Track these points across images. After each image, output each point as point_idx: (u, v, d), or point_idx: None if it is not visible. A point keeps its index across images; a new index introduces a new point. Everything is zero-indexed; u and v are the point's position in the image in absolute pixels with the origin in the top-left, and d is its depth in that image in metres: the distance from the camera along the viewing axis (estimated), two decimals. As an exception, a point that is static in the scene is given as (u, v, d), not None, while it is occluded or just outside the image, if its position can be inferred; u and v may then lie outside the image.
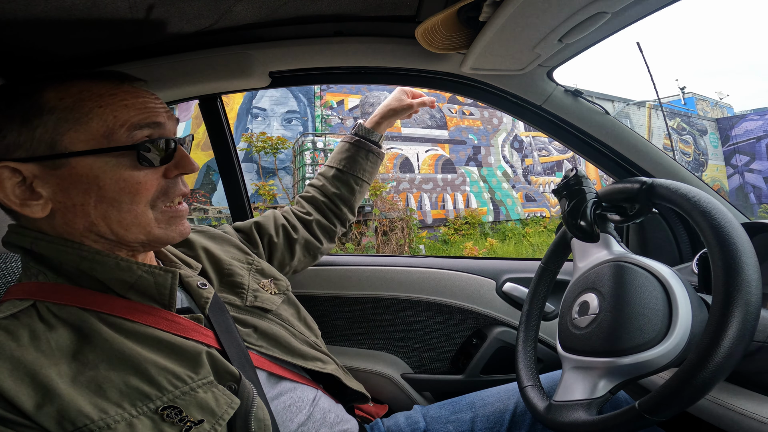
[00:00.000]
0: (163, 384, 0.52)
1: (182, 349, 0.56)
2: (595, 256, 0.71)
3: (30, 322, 0.51)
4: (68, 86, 0.56)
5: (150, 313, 0.58)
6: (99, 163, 0.55)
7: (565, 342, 0.67)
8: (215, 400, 0.54)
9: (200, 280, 0.69)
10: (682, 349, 0.55)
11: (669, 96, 14.26)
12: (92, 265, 0.56)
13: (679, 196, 0.55)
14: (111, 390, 0.49)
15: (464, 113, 9.83)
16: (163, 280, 0.60)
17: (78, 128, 0.54)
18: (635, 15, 0.76)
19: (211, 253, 0.80)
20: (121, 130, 0.56)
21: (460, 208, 9.34)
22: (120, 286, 0.57)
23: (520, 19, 0.71)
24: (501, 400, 0.88)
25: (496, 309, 1.17)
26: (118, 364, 0.51)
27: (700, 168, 13.47)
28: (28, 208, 0.54)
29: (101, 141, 0.55)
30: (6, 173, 0.53)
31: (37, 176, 0.54)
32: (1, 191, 0.53)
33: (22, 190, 0.54)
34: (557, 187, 0.68)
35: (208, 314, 0.66)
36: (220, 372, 0.58)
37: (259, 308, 0.76)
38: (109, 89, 0.57)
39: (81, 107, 0.55)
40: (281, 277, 0.87)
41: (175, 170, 0.61)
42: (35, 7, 0.63)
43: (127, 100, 0.57)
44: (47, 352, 0.49)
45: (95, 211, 0.56)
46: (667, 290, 0.58)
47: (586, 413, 0.57)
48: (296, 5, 0.79)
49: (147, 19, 0.74)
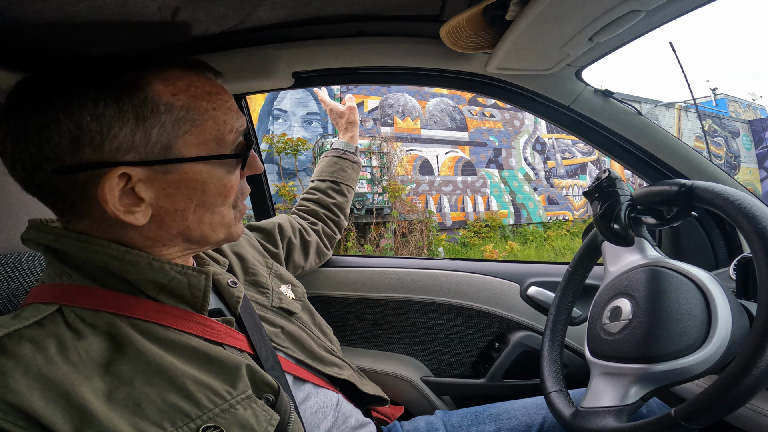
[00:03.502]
0: (202, 401, 0.48)
1: (219, 361, 0.53)
2: (628, 260, 0.68)
3: (56, 330, 0.47)
4: (173, 77, 0.52)
5: (182, 317, 0.54)
6: (207, 169, 0.53)
7: (595, 348, 0.65)
8: (255, 417, 0.51)
9: (230, 278, 0.68)
10: (721, 357, 0.53)
11: (700, 97, 13.83)
12: (123, 265, 0.52)
13: (722, 199, 0.53)
14: (149, 408, 0.45)
15: (485, 115, 9.73)
16: (197, 281, 0.56)
17: (194, 131, 0.52)
18: (670, 14, 0.73)
19: (238, 251, 0.81)
20: (230, 135, 0.55)
21: (480, 211, 9.25)
22: (152, 288, 0.53)
23: (548, 17, 0.69)
24: (527, 414, 0.85)
25: (519, 313, 1.15)
26: (154, 378, 0.47)
27: (732, 171, 13.02)
28: (131, 215, 0.50)
29: (212, 146, 0.53)
30: (115, 179, 0.48)
31: (142, 180, 0.50)
32: (111, 199, 0.48)
33: (125, 196, 0.50)
34: (588, 189, 0.67)
35: (239, 315, 0.64)
36: (258, 383, 0.55)
37: (284, 310, 0.76)
38: (212, 86, 0.55)
39: (196, 107, 0.52)
40: (298, 283, 0.88)
41: (249, 170, 0.60)
42: (68, 6, 0.64)
43: (228, 102, 0.56)
44: (78, 365, 0.44)
45: (193, 216, 0.54)
46: (706, 296, 0.56)
47: (615, 420, 0.56)
48: (319, 5, 0.79)
49: (175, 19, 0.75)
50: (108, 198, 0.48)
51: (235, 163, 0.57)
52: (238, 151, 0.56)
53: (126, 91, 0.48)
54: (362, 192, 7.30)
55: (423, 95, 9.02)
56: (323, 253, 1.09)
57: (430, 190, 8.82)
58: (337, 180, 1.14)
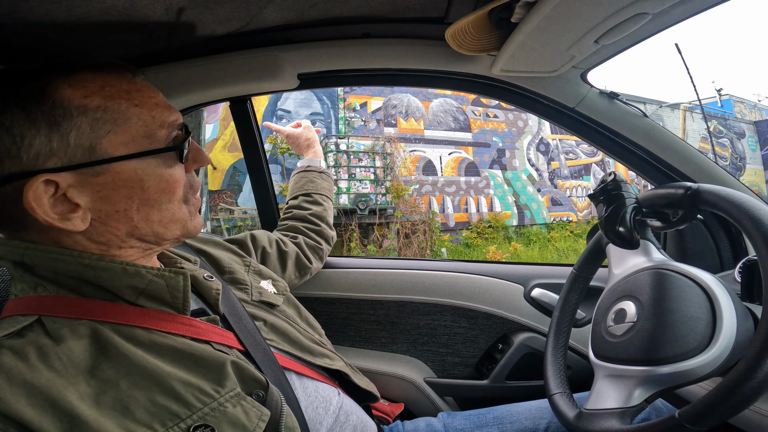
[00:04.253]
0: (190, 401, 0.48)
1: (204, 360, 0.53)
2: (633, 262, 0.68)
3: (36, 339, 0.46)
4: (83, 80, 0.51)
5: (165, 319, 0.54)
6: (142, 165, 0.52)
7: (599, 350, 0.65)
8: (245, 414, 0.51)
9: (205, 273, 0.66)
10: (726, 359, 0.53)
11: (705, 98, 13.74)
12: (97, 272, 0.51)
13: (728, 202, 0.53)
14: (138, 410, 0.45)
15: (488, 115, 9.73)
16: (175, 282, 0.56)
17: (117, 130, 0.51)
18: (677, 16, 0.73)
19: (209, 254, 0.79)
20: (162, 130, 0.54)
21: (484, 212, 9.24)
22: (130, 293, 0.53)
23: (554, 20, 0.69)
24: (531, 419, 0.84)
25: (523, 315, 1.15)
26: (140, 380, 0.47)
27: (738, 172, 12.94)
28: (68, 222, 0.49)
29: (143, 143, 0.52)
30: (41, 187, 0.47)
31: (73, 185, 0.49)
32: (39, 208, 0.47)
33: (58, 203, 0.49)
34: (594, 191, 0.67)
35: (224, 313, 0.64)
36: (247, 380, 0.55)
37: (265, 303, 0.75)
38: (130, 84, 0.54)
39: (114, 106, 0.51)
40: (279, 278, 0.86)
41: (194, 164, 0.60)
42: (77, 8, 0.64)
43: (153, 97, 0.55)
44: (61, 371, 0.44)
45: (138, 215, 0.53)
46: (711, 299, 0.56)
47: (619, 422, 0.56)
48: (324, 7, 0.79)
49: (181, 21, 0.76)
50: (35, 206, 0.47)
51: (174, 157, 0.55)
52: (174, 146, 0.55)
53: (32, 99, 0.48)
54: (365, 193, 7.32)
55: (426, 96, 9.02)
56: (304, 266, 1.04)
57: (434, 190, 8.82)
58: (308, 191, 1.15)
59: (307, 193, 1.14)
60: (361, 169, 7.41)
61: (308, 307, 0.86)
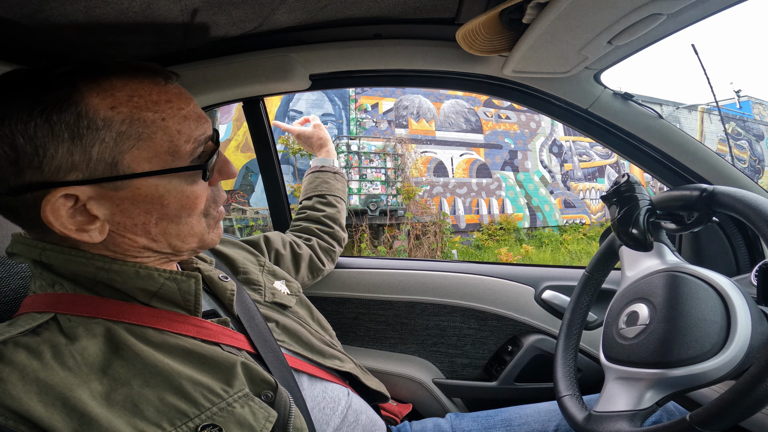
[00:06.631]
0: (199, 400, 0.49)
1: (214, 361, 0.53)
2: (646, 265, 0.67)
3: (51, 337, 0.47)
4: (111, 88, 0.49)
5: (177, 320, 0.55)
6: (164, 182, 0.51)
7: (610, 352, 0.65)
8: (252, 414, 0.51)
9: (220, 273, 0.67)
10: (740, 362, 0.52)
11: (723, 99, 13.47)
12: (110, 275, 0.52)
13: (744, 204, 0.53)
14: (148, 409, 0.46)
15: (500, 117, 9.66)
16: (187, 286, 0.56)
17: (141, 145, 0.49)
18: (692, 17, 0.72)
19: (224, 254, 0.80)
20: (187, 145, 0.52)
21: (495, 214, 9.18)
22: (143, 295, 0.54)
23: (567, 20, 0.69)
24: (540, 421, 0.83)
25: (533, 316, 1.14)
26: (151, 379, 0.48)
27: (757, 175, 12.65)
28: (85, 233, 0.49)
29: (166, 159, 0.51)
30: (60, 201, 0.47)
31: (93, 198, 0.49)
32: (56, 220, 0.47)
33: (77, 214, 0.49)
34: (606, 193, 0.66)
35: (237, 315, 0.64)
36: (256, 381, 0.55)
37: (278, 304, 0.76)
38: (160, 93, 0.52)
39: (141, 119, 0.49)
40: (292, 279, 0.87)
41: (219, 177, 0.59)
42: (95, 9, 0.66)
43: (183, 109, 0.53)
44: (74, 369, 0.45)
45: (156, 229, 0.53)
46: (726, 302, 0.55)
47: (629, 424, 0.55)
48: (336, 8, 0.80)
49: (196, 22, 0.77)
50: (52, 220, 0.47)
51: (198, 174, 0.54)
52: (199, 162, 0.54)
53: (56, 108, 0.46)
54: (376, 193, 7.31)
55: (438, 97, 9.00)
56: (317, 268, 1.06)
57: (445, 192, 8.79)
58: (322, 192, 1.15)
59: (321, 194, 1.15)
60: (372, 170, 7.41)
61: (318, 307, 0.87)
